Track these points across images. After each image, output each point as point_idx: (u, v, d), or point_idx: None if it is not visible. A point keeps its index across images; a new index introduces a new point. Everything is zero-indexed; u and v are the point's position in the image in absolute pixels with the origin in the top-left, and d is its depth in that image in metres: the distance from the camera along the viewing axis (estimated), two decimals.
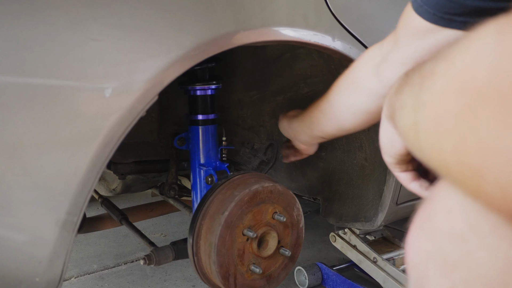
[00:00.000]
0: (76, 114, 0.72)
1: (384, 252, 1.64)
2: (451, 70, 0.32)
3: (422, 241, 0.39)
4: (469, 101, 0.29)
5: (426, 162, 0.37)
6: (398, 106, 0.45)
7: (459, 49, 0.32)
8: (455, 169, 0.31)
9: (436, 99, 0.33)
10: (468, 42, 0.31)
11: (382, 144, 0.60)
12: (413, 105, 0.38)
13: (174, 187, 1.48)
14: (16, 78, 0.67)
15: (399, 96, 0.46)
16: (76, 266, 2.04)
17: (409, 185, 0.64)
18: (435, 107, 0.33)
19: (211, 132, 1.31)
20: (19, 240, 0.72)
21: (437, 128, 0.32)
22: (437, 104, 0.33)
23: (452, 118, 0.30)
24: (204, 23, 0.84)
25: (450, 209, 0.36)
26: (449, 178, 0.34)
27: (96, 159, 0.74)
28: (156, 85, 0.78)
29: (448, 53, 0.33)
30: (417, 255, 0.39)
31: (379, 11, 1.16)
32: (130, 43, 0.76)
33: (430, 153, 0.35)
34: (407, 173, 0.63)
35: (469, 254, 0.34)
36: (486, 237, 0.33)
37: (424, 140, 0.36)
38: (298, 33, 0.97)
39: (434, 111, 0.33)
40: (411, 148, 0.41)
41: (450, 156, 0.31)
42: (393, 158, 0.60)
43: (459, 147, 0.30)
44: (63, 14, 0.71)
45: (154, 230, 2.46)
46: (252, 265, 1.07)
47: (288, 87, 1.50)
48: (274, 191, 1.10)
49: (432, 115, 0.34)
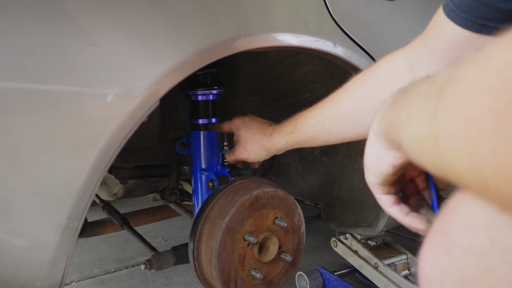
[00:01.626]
0: (78, 119, 0.72)
1: (386, 257, 1.64)
2: (487, 70, 0.31)
3: (437, 257, 0.37)
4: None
5: (444, 170, 0.36)
6: (404, 119, 0.43)
7: (496, 49, 0.31)
8: (490, 171, 0.30)
9: (467, 102, 0.32)
10: (506, 42, 0.30)
11: (368, 162, 0.58)
12: (430, 114, 0.37)
13: (175, 192, 1.48)
14: (18, 83, 0.67)
15: (401, 110, 0.44)
16: (77, 270, 2.04)
17: (389, 208, 0.61)
18: (465, 109, 0.32)
19: (213, 137, 1.31)
20: (20, 245, 0.72)
21: (468, 131, 0.31)
22: (468, 106, 0.31)
23: (489, 118, 0.29)
24: (206, 29, 0.84)
25: (470, 222, 0.35)
26: (478, 183, 0.32)
27: (97, 164, 0.74)
28: (158, 90, 0.78)
29: (475, 57, 0.33)
30: (432, 271, 0.37)
31: (380, 17, 1.16)
32: (131, 49, 0.76)
33: (455, 158, 0.33)
34: (388, 196, 0.61)
35: (490, 271, 0.32)
36: (509, 253, 0.31)
37: (447, 146, 0.34)
38: (299, 39, 0.97)
39: (464, 114, 0.32)
40: (424, 159, 0.39)
41: (485, 158, 0.30)
42: (378, 178, 0.57)
43: (498, 147, 0.28)
44: (65, 20, 0.71)
45: (155, 234, 2.46)
46: (253, 270, 1.07)
47: (289, 92, 1.50)
48: (275, 196, 1.10)
49: (461, 118, 0.32)
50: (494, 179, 0.29)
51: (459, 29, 0.68)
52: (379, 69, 0.87)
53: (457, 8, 0.67)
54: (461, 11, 0.66)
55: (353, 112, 0.91)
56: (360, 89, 0.90)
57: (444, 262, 0.36)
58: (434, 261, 0.37)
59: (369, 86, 0.89)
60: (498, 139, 0.28)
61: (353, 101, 0.91)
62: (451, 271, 0.35)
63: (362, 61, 1.09)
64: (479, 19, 0.65)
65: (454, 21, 0.68)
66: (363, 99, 0.89)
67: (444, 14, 0.70)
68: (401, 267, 1.65)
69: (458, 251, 0.35)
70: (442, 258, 0.36)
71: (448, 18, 0.69)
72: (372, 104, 0.87)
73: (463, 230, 0.35)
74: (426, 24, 0.76)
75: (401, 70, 0.83)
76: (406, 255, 1.68)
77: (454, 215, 0.37)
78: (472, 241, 0.34)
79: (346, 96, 0.92)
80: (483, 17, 0.64)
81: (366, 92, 0.89)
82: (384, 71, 0.86)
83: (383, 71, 0.86)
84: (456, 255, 0.35)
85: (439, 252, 0.37)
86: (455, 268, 0.35)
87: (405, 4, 1.21)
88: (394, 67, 0.85)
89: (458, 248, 0.35)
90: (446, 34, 0.72)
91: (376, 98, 0.86)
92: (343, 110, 0.93)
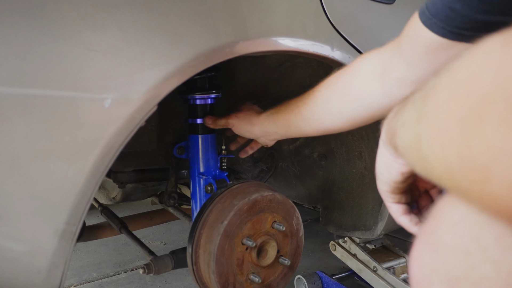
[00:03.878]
0: (75, 124, 0.72)
1: (384, 261, 1.64)
2: (456, 79, 0.32)
3: (426, 256, 0.38)
4: (474, 105, 0.29)
5: (428, 173, 0.37)
6: (399, 125, 0.45)
7: (465, 59, 0.32)
8: (459, 173, 0.31)
9: (440, 108, 0.34)
10: (473, 52, 0.32)
11: (378, 170, 0.59)
12: (416, 118, 0.39)
13: (174, 195, 1.48)
14: (15, 88, 0.67)
15: (399, 117, 0.46)
16: (76, 274, 2.03)
17: (399, 217, 0.63)
18: (439, 115, 0.33)
19: (211, 141, 1.32)
20: (18, 250, 0.72)
21: (441, 136, 0.33)
22: (441, 113, 0.33)
23: (457, 124, 0.31)
24: (204, 34, 0.84)
25: (454, 222, 0.36)
26: (453, 185, 0.34)
27: (95, 169, 0.74)
28: (155, 95, 0.78)
29: (452, 65, 0.34)
30: (421, 270, 0.39)
31: (378, 21, 1.17)
32: (129, 53, 0.76)
33: (434, 161, 0.35)
34: (399, 205, 0.62)
35: (473, 268, 0.33)
36: (490, 250, 0.33)
37: (427, 149, 0.36)
38: (297, 43, 0.97)
39: (438, 120, 0.34)
40: (413, 162, 0.41)
41: (454, 161, 0.31)
42: (388, 185, 0.59)
43: (464, 151, 0.30)
44: (63, 25, 0.71)
45: (154, 238, 2.45)
46: (251, 274, 1.07)
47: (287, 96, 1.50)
48: (273, 200, 1.10)
49: (436, 123, 0.34)
50: (464, 181, 0.31)
51: (435, 36, 0.68)
52: (356, 65, 0.90)
53: (433, 16, 0.67)
54: (438, 20, 0.66)
55: (327, 102, 0.95)
56: (335, 82, 0.93)
57: (431, 261, 0.37)
58: (422, 260, 0.39)
59: (344, 80, 0.92)
60: (464, 144, 0.30)
61: (327, 92, 0.95)
62: (439, 270, 0.36)
63: None
64: (456, 28, 0.65)
65: (430, 28, 0.68)
66: (336, 91, 0.93)
67: (420, 21, 0.70)
68: (399, 270, 1.65)
69: (444, 250, 0.36)
70: (430, 258, 0.37)
71: (424, 26, 0.69)
72: (344, 98, 0.91)
73: (448, 230, 0.36)
74: None
75: (375, 69, 0.85)
76: (404, 259, 1.68)
77: (440, 215, 0.38)
78: (456, 240, 0.35)
79: (323, 87, 0.96)
80: (460, 27, 0.64)
81: (340, 85, 0.92)
82: (360, 68, 0.89)
83: (359, 68, 0.89)
84: (443, 254, 0.36)
85: (427, 251, 0.38)
86: (442, 267, 0.36)
87: (403, 8, 1.22)
88: (369, 65, 0.87)
89: (444, 247, 0.36)
90: (421, 40, 0.72)
91: (347, 92, 0.90)
92: (318, 99, 0.96)
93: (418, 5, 1.28)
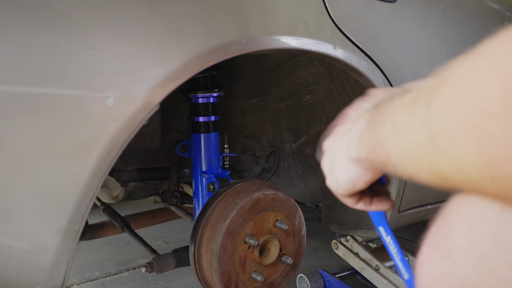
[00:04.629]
0: (78, 123, 0.72)
1: (387, 259, 1.64)
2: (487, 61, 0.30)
3: (435, 261, 0.36)
4: None
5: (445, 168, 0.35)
6: (389, 133, 0.42)
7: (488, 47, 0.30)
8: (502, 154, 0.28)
9: (464, 94, 0.31)
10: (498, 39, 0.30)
11: (340, 180, 0.57)
12: (423, 116, 0.37)
13: (176, 194, 1.48)
14: (18, 87, 0.68)
15: (384, 126, 0.43)
16: (78, 273, 2.04)
17: (355, 206, 0.63)
18: (464, 102, 0.31)
19: (213, 139, 1.32)
20: (21, 248, 0.72)
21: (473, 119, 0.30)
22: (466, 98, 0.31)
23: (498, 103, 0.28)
24: (206, 32, 0.84)
25: (469, 225, 0.34)
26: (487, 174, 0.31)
27: (98, 167, 0.75)
28: (158, 94, 0.78)
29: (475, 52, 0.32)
30: (430, 276, 0.36)
31: (380, 19, 1.16)
32: (132, 52, 0.76)
33: (459, 150, 0.32)
34: (353, 197, 0.63)
35: (492, 274, 0.31)
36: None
37: (447, 141, 0.33)
38: (299, 42, 0.97)
39: (464, 106, 0.31)
40: (420, 164, 0.38)
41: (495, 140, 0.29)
42: (349, 192, 0.58)
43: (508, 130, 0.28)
44: (65, 24, 0.71)
45: (156, 237, 2.46)
46: (253, 273, 1.07)
47: (289, 95, 1.50)
48: (275, 199, 1.10)
49: (460, 110, 0.31)
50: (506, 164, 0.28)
51: None
52: None
53: None
54: None
55: None
56: None
57: (442, 266, 0.35)
58: (431, 266, 0.36)
59: None
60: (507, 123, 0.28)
61: None
62: (450, 275, 0.34)
63: (362, 63, 1.09)
64: None
65: None
66: None
67: None
68: None
69: (457, 254, 0.34)
70: (440, 263, 0.35)
71: None
72: None
73: (463, 233, 0.34)
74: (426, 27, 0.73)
75: None
76: (407, 257, 1.67)
77: (453, 218, 0.36)
78: (472, 244, 0.33)
79: None
80: None
81: None
82: None
83: None
84: (456, 258, 0.34)
85: (437, 256, 0.36)
86: (454, 273, 0.34)
87: (406, 7, 1.21)
88: None
89: (458, 251, 0.34)
90: None
91: None
92: None
93: (420, 4, 1.27)
